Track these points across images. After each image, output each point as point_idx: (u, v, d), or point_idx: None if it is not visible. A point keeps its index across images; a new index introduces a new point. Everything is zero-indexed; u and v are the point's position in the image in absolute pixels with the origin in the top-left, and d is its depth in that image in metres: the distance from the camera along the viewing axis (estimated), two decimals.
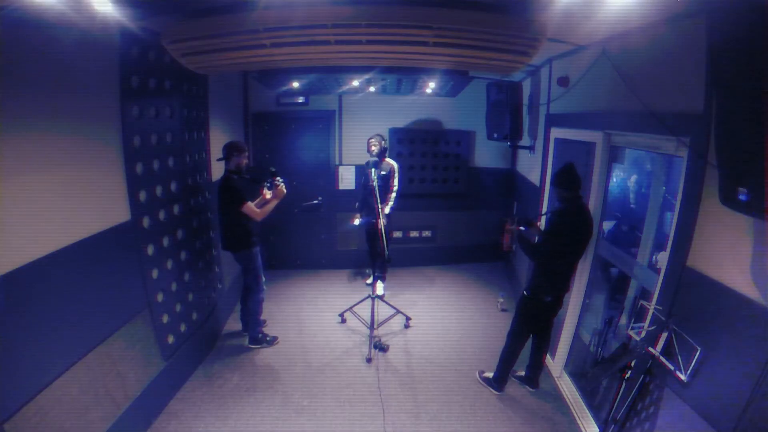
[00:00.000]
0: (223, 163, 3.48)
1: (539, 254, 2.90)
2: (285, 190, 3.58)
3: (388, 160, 4.62)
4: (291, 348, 3.84)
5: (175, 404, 3.03)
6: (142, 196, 2.75)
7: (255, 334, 3.79)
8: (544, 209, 3.89)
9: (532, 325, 3.13)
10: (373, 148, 4.45)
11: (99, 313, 2.37)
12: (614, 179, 4.51)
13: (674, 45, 2.17)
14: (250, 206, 3.45)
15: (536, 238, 3.24)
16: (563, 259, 2.82)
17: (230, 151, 3.45)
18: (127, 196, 2.61)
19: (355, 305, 4.41)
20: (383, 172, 4.49)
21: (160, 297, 2.96)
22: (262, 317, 3.99)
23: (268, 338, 3.84)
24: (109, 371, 2.42)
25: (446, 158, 5.62)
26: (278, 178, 3.58)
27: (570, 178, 2.79)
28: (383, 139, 4.54)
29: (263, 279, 3.76)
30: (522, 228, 3.06)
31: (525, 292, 3.05)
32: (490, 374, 3.33)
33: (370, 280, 5.09)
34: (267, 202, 3.61)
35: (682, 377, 1.90)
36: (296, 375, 3.46)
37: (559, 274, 2.88)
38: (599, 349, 3.09)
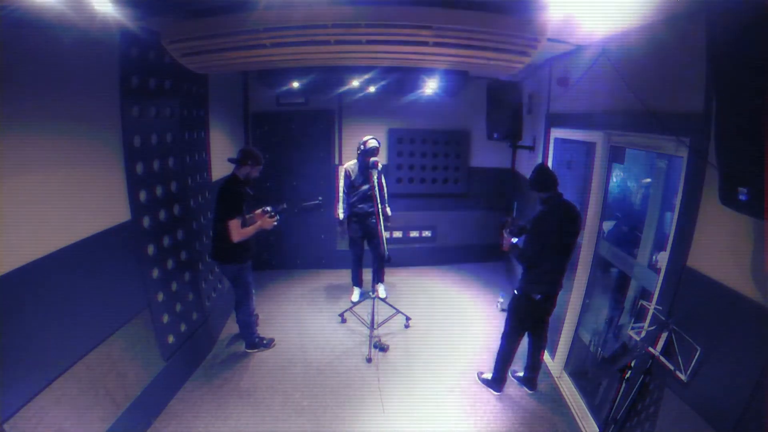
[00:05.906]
0: (227, 163, 3.33)
1: (525, 258, 2.95)
2: (275, 224, 3.39)
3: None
4: (291, 348, 3.84)
5: (175, 404, 3.03)
6: (142, 196, 2.75)
7: (251, 339, 3.74)
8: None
9: (524, 324, 3.13)
10: (371, 147, 4.11)
11: (99, 313, 2.37)
12: (614, 179, 4.49)
13: (674, 45, 2.17)
14: (236, 225, 3.16)
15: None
16: (548, 258, 2.85)
17: (246, 158, 3.25)
18: (127, 196, 2.62)
19: (355, 305, 4.40)
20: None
21: (160, 297, 2.96)
22: (255, 313, 3.90)
23: (264, 341, 3.82)
24: (109, 371, 2.42)
25: (446, 158, 5.61)
26: (277, 216, 3.39)
27: (542, 180, 2.86)
28: (377, 142, 4.25)
29: (254, 293, 3.63)
30: (514, 240, 3.12)
31: (515, 291, 3.09)
32: (488, 375, 3.33)
33: (355, 296, 4.72)
34: (252, 223, 3.33)
35: (682, 377, 1.90)
36: (296, 375, 3.45)
37: (546, 272, 2.90)
38: (599, 349, 3.09)
